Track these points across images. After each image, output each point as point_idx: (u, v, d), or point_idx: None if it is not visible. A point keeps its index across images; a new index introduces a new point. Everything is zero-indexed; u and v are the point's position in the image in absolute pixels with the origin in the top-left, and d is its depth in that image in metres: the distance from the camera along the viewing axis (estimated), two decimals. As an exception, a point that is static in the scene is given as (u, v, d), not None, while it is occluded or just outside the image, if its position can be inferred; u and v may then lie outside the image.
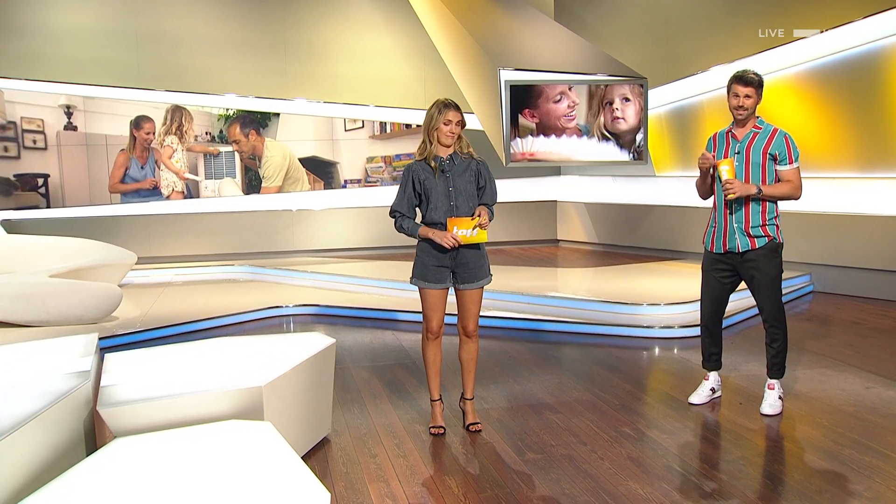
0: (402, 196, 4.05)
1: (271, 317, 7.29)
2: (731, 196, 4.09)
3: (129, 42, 10.51)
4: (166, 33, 10.65)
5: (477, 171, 4.07)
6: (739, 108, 4.17)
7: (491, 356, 5.70)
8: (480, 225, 3.91)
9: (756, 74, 4.19)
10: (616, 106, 9.12)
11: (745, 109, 4.16)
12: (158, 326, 6.57)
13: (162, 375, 3.41)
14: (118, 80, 10.48)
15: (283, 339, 4.13)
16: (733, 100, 4.19)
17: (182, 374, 3.43)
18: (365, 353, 5.98)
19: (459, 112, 3.96)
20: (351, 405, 4.64)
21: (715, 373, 4.59)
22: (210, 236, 10.99)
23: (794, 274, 7.98)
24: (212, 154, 11.07)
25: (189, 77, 10.70)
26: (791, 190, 4.18)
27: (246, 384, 3.24)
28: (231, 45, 10.88)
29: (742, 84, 4.16)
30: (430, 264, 4.04)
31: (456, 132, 3.96)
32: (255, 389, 3.22)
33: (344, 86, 11.28)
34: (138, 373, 3.45)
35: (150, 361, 3.66)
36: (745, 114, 4.18)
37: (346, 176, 11.61)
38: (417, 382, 5.07)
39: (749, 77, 4.17)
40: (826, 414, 4.32)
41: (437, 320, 4.09)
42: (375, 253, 11.30)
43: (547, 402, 4.60)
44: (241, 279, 9.51)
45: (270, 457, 2.46)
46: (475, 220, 3.92)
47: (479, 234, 3.93)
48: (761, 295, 4.27)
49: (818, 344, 5.94)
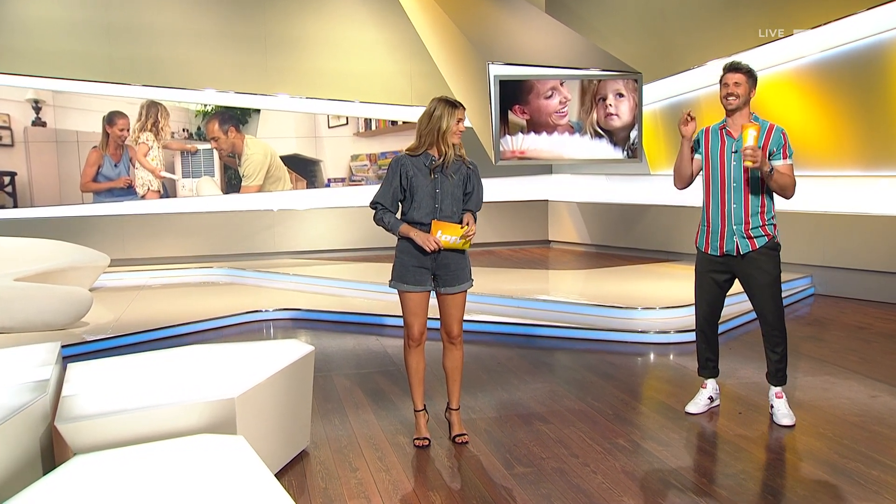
0: (387, 189, 3.99)
1: (250, 322, 7.25)
2: (749, 163, 3.99)
3: (101, 33, 10.41)
4: (141, 24, 10.56)
5: (467, 175, 4.02)
6: (729, 95, 4.16)
7: (478, 363, 5.67)
8: (467, 236, 3.88)
9: (747, 64, 4.21)
10: (609, 102, 9.10)
11: (736, 97, 4.15)
12: (130, 333, 6.49)
13: (128, 387, 3.32)
14: (90, 74, 10.37)
15: (260, 346, 4.06)
16: (723, 89, 4.20)
17: (150, 385, 3.35)
18: (347, 360, 5.94)
19: (464, 111, 3.97)
20: (331, 416, 4.59)
21: (713, 380, 4.56)
22: (187, 237, 10.91)
23: (794, 276, 7.97)
24: (189, 152, 11.01)
25: (165, 71, 10.62)
26: (789, 182, 4.15)
27: (217, 396, 3.16)
28: (209, 37, 10.82)
29: (731, 71, 4.18)
30: (409, 265, 3.99)
31: (461, 130, 3.94)
32: (227, 401, 3.15)
33: (327, 81, 11.25)
34: (102, 384, 3.36)
35: (117, 371, 3.57)
36: (736, 103, 4.16)
37: (330, 175, 11.59)
38: (401, 391, 5.01)
39: (738, 64, 4.20)
40: (830, 424, 4.28)
41: (419, 326, 4.04)
42: (360, 255, 11.27)
43: (537, 412, 4.56)
44: (219, 282, 9.47)
45: (242, 474, 2.39)
46: (463, 228, 3.89)
47: (463, 243, 3.90)
48: (762, 296, 4.24)
49: (820, 349, 5.91)
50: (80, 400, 3.12)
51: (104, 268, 8.13)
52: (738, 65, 4.19)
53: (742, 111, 4.21)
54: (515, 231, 12.22)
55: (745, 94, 4.16)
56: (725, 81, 4.19)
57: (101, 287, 8.84)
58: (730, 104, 4.18)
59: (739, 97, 4.15)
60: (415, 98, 11.42)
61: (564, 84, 9.02)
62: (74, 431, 2.89)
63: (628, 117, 9.14)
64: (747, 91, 4.17)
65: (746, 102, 4.20)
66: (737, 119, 4.22)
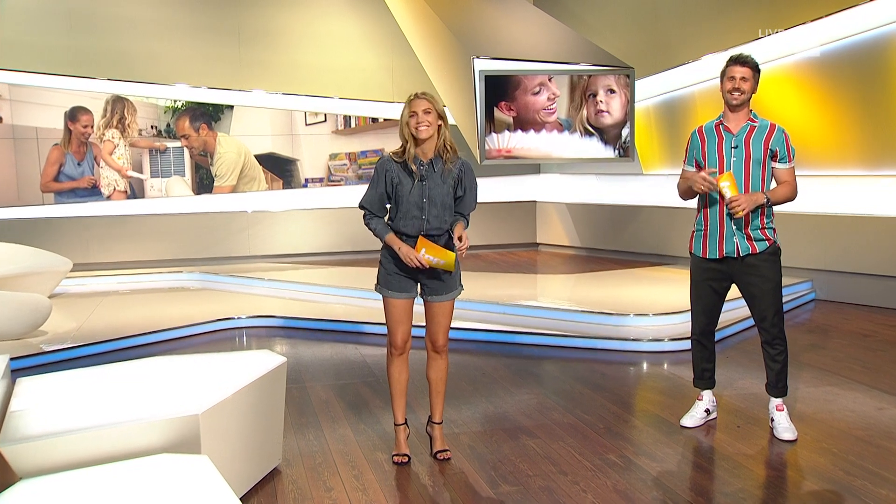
0: (373, 192, 3.94)
1: (222, 330, 7.22)
2: (740, 214, 4.02)
3: (62, 22, 10.27)
4: (105, 13, 10.44)
5: (458, 177, 3.94)
6: (735, 90, 4.12)
7: (463, 373, 5.64)
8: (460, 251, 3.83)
9: (753, 58, 4.18)
10: (600, 98, 9.09)
11: (742, 93, 4.12)
12: (92, 342, 6.41)
13: (82, 403, 3.24)
14: (50, 67, 10.23)
15: (228, 357, 4.01)
16: (728, 83, 4.15)
17: (107, 400, 3.27)
18: (324, 370, 5.91)
19: (428, 101, 3.83)
20: (306, 430, 4.54)
21: (709, 392, 4.54)
22: (156, 240, 10.83)
23: (794, 280, 7.98)
24: (158, 150, 10.93)
25: (131, 64, 10.52)
26: (790, 191, 4.18)
27: (180, 412, 3.09)
28: (179, 28, 10.72)
29: (739, 64, 4.13)
30: (393, 272, 3.95)
31: (427, 122, 3.81)
32: (190, 418, 3.08)
33: (304, 76, 11.19)
34: (54, 400, 3.27)
35: (71, 386, 3.49)
36: (742, 98, 4.12)
37: (307, 174, 11.55)
38: (381, 403, 4.97)
39: (745, 57, 4.15)
40: (834, 439, 4.24)
41: (403, 334, 3.99)
42: (339, 258, 11.21)
43: (524, 426, 4.52)
44: (190, 288, 9.44)
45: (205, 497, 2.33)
46: (452, 255, 3.82)
47: (447, 264, 3.83)
48: (763, 303, 4.22)
49: (822, 358, 5.89)
50: (28, 418, 3.02)
51: (65, 273, 8.04)
52: (745, 58, 4.14)
53: (744, 107, 4.18)
54: (502, 233, 12.20)
55: (750, 89, 4.14)
56: (731, 75, 4.14)
57: (62, 293, 8.76)
58: (735, 99, 4.13)
59: (745, 92, 4.12)
60: (396, 94, 11.38)
61: (553, 79, 9.00)
62: (19, 453, 2.81)
63: (620, 114, 9.13)
64: (753, 86, 4.15)
65: (750, 98, 4.17)
66: (738, 115, 4.19)
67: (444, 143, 3.88)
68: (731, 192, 4.02)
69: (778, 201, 4.15)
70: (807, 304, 7.92)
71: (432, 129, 3.82)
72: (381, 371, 5.70)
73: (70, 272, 8.55)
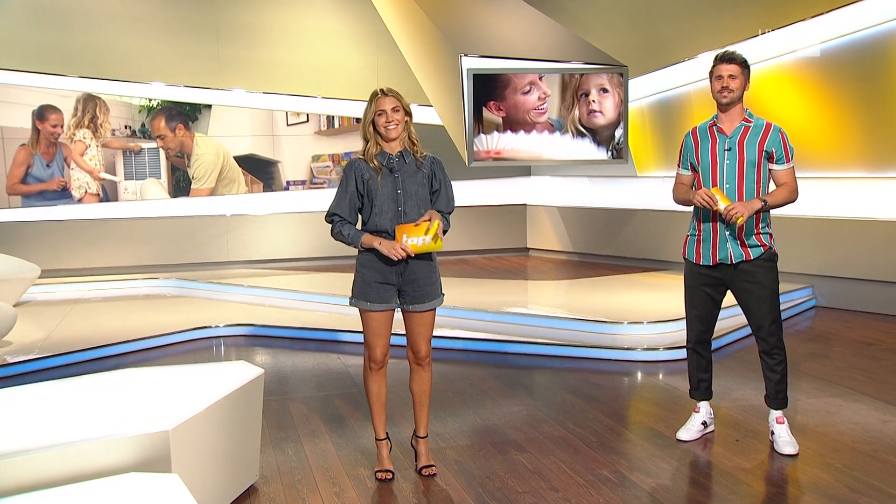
0: (343, 196, 3.92)
1: (199, 339, 7.19)
2: (740, 221, 4.00)
3: (29, 16, 10.20)
4: (75, 7, 10.38)
5: (430, 171, 3.94)
6: (724, 89, 4.12)
7: (449, 383, 5.62)
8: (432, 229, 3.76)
9: (741, 54, 4.17)
10: (593, 98, 9.09)
11: (731, 91, 4.11)
12: (60, 353, 6.36)
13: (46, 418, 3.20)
14: (15, 63, 10.16)
15: (202, 369, 3.99)
16: (716, 82, 4.15)
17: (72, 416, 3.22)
18: (305, 382, 5.91)
19: (396, 99, 3.83)
20: (284, 445, 4.52)
21: (706, 403, 4.52)
22: (130, 245, 10.78)
23: (793, 287, 7.96)
24: (132, 151, 10.89)
25: (104, 61, 10.46)
26: (790, 193, 4.16)
27: (149, 428, 3.05)
28: (153, 23, 10.68)
29: (725, 62, 4.13)
30: (372, 281, 3.90)
31: (395, 120, 3.82)
32: (160, 435, 3.04)
33: (286, 74, 11.17)
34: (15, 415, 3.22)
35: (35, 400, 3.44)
36: (731, 97, 4.12)
37: (289, 177, 11.53)
38: (363, 416, 4.94)
39: (732, 54, 4.15)
40: (837, 453, 4.22)
41: (382, 347, 3.97)
42: (321, 264, 11.17)
43: (513, 439, 4.50)
44: (166, 295, 9.42)
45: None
46: (424, 224, 3.76)
47: (433, 243, 3.76)
48: (760, 311, 4.21)
49: (824, 368, 5.88)
50: (-15, 436, 2.97)
51: (33, 279, 7.99)
52: (731, 55, 4.14)
53: (736, 106, 4.17)
54: (490, 238, 12.19)
55: (740, 87, 4.13)
56: (718, 74, 4.13)
57: (29, 301, 8.72)
58: (724, 98, 4.13)
59: (734, 91, 4.11)
60: (381, 93, 11.33)
61: (544, 78, 8.99)
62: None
63: (613, 114, 9.13)
64: (742, 84, 4.14)
65: (741, 97, 4.16)
66: (731, 114, 4.18)
67: (410, 138, 3.90)
68: (724, 202, 4.01)
69: (777, 205, 4.13)
70: (807, 312, 7.91)
71: (401, 126, 3.84)
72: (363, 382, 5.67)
73: (38, 279, 8.50)
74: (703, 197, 4.07)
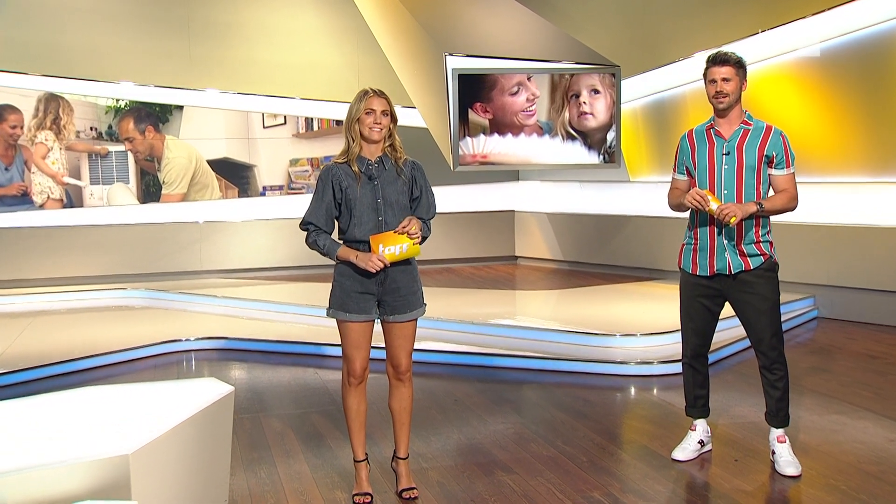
0: (319, 204, 3.91)
1: (169, 353, 7.16)
2: (733, 221, 3.99)
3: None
4: (36, 1, 10.32)
5: (411, 177, 3.93)
6: (719, 94, 4.11)
7: (432, 399, 5.62)
8: (409, 235, 3.73)
9: (735, 54, 4.15)
10: (583, 99, 9.07)
11: (727, 95, 4.10)
12: (17, 369, 6.31)
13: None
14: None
15: (168, 387, 3.89)
16: (710, 86, 4.15)
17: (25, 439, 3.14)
18: (281, 398, 5.89)
19: (386, 101, 3.84)
20: (257, 467, 4.49)
21: (703, 421, 4.50)
22: (96, 254, 10.73)
23: (794, 297, 7.97)
24: (98, 154, 10.86)
25: (67, 59, 10.42)
26: (789, 200, 4.15)
27: (108, 452, 2.96)
28: (121, 20, 10.65)
29: (718, 64, 4.12)
30: (350, 291, 3.89)
31: (383, 124, 3.83)
32: (119, 459, 2.94)
33: (262, 74, 11.16)
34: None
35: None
36: (728, 101, 4.11)
37: (265, 182, 11.53)
38: (341, 435, 4.92)
39: (725, 55, 4.14)
40: (842, 474, 4.19)
41: (362, 360, 3.95)
42: (299, 273, 11.15)
43: (499, 460, 4.49)
44: (134, 306, 9.42)
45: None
46: (399, 233, 3.75)
47: (411, 249, 3.75)
48: (759, 324, 4.20)
49: (827, 383, 5.88)
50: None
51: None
52: (725, 56, 4.12)
53: (734, 108, 4.16)
54: (477, 246, 12.19)
55: (735, 90, 4.12)
56: (712, 77, 4.13)
57: (-13, 313, 8.71)
58: (720, 103, 4.13)
59: (730, 95, 4.11)
60: (362, 94, 11.33)
61: (532, 79, 8.96)
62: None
63: (605, 116, 9.11)
64: (738, 86, 4.13)
65: (738, 99, 4.15)
66: (729, 117, 4.18)
67: (393, 144, 3.90)
68: (715, 203, 4.01)
69: (774, 210, 4.11)
70: (808, 323, 7.91)
71: (386, 131, 3.85)
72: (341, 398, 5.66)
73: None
74: (693, 197, 4.05)
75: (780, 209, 4.12)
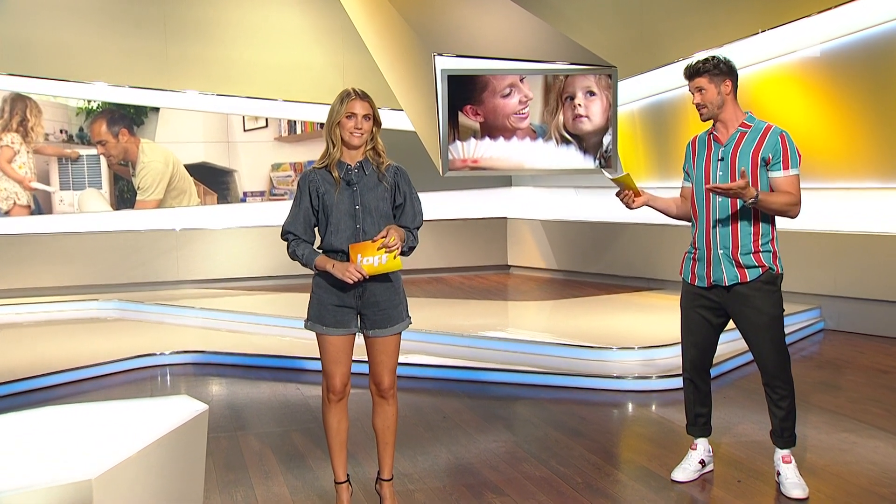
0: (297, 212, 3.90)
1: (142, 368, 7.13)
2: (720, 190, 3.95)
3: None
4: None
5: (393, 183, 3.89)
6: (698, 106, 4.19)
7: (419, 416, 5.62)
8: (387, 248, 3.67)
9: (706, 60, 4.15)
10: (578, 101, 9.06)
11: (704, 106, 4.16)
12: None
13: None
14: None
15: (137, 405, 3.83)
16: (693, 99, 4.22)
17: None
18: (260, 415, 5.87)
19: (369, 103, 3.81)
20: (233, 489, 4.46)
21: (704, 440, 4.48)
22: (66, 263, 10.71)
23: (799, 308, 7.97)
24: (69, 158, 10.85)
25: (35, 57, 10.39)
26: (788, 202, 4.04)
27: (69, 477, 2.90)
28: (93, 16, 10.62)
29: (687, 77, 4.20)
30: (328, 303, 3.87)
31: (364, 129, 3.80)
32: (82, 484, 2.89)
33: (242, 74, 11.15)
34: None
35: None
36: (707, 111, 4.17)
37: (246, 187, 11.54)
38: (323, 454, 4.90)
39: (692, 66, 4.18)
40: (853, 497, 4.17)
41: (342, 375, 3.91)
42: (281, 283, 11.14)
43: (489, 481, 4.47)
44: (106, 318, 9.42)
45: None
46: (378, 241, 3.70)
47: (391, 262, 3.70)
48: (759, 340, 4.18)
49: (835, 399, 5.87)
50: None
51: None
52: (693, 67, 4.17)
53: (728, 112, 4.15)
54: (468, 254, 12.20)
55: (714, 98, 4.13)
56: (690, 90, 4.20)
57: (-53, 326, 8.71)
58: (702, 115, 4.19)
59: (708, 105, 4.14)
60: (347, 96, 11.33)
61: (525, 80, 8.95)
62: None
63: (600, 119, 9.10)
64: (716, 93, 4.12)
65: (722, 105, 4.14)
66: (726, 121, 4.17)
67: (376, 149, 3.88)
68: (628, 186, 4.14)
69: (771, 206, 4.00)
70: (815, 335, 7.91)
71: (367, 136, 3.82)
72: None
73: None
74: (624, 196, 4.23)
75: (778, 207, 4.01)
